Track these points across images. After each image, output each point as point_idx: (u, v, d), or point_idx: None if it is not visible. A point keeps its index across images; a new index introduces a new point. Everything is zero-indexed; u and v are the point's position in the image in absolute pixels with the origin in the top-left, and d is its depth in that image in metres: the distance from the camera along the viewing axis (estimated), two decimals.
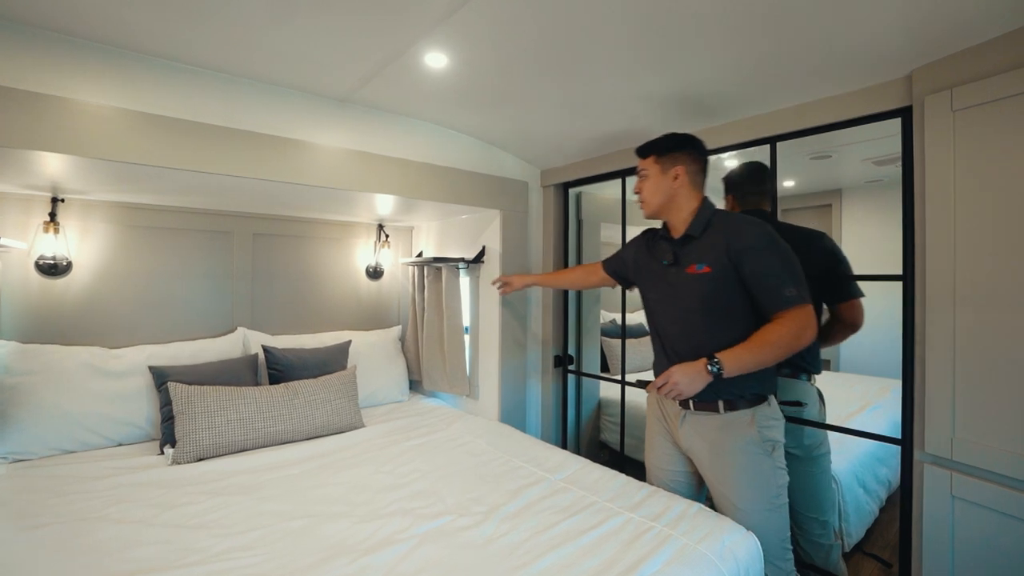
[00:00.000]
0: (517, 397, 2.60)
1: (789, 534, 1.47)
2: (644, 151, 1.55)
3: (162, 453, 1.88)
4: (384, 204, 2.43)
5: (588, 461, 1.85)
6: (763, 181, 1.82)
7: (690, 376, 1.32)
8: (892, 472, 2.43)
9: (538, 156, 2.60)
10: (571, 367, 2.75)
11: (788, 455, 1.52)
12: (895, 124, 1.56)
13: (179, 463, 1.79)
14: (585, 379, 2.84)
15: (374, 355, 2.74)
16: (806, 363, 1.75)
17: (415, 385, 3.02)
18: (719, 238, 1.40)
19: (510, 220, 2.54)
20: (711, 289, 1.39)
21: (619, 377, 2.48)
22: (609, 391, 2.94)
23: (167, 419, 1.92)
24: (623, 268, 1.80)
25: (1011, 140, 1.21)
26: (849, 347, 3.85)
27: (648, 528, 1.36)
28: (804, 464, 1.76)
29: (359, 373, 2.57)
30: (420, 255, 3.08)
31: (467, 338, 2.68)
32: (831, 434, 1.83)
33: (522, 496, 1.57)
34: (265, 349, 2.35)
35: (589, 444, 2.92)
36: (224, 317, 2.51)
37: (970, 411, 1.28)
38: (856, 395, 2.96)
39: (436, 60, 1.62)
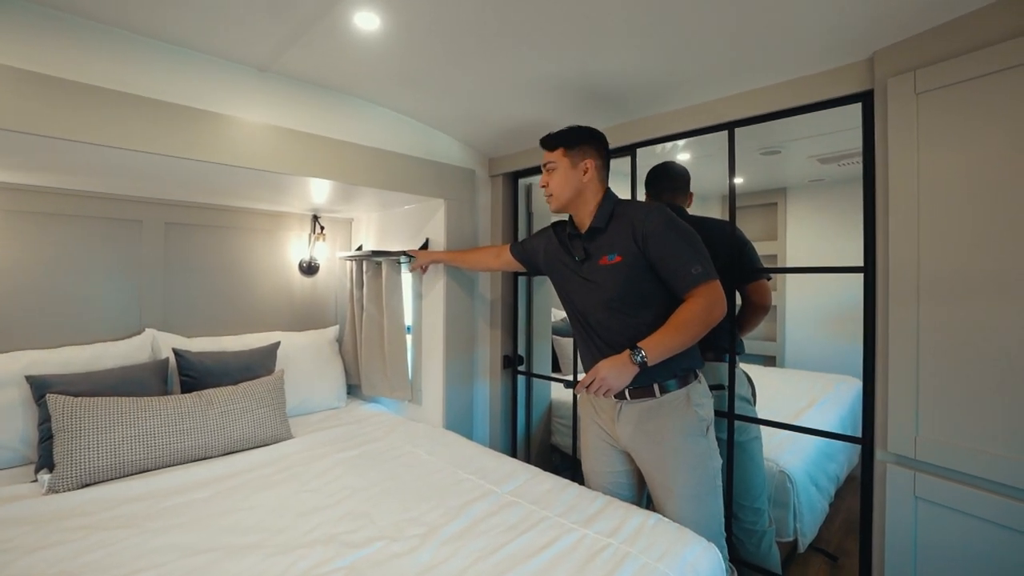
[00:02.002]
0: (463, 401, 2.43)
1: (723, 520, 1.47)
2: (551, 143, 1.52)
3: (35, 480, 1.59)
4: (318, 192, 2.20)
5: (538, 470, 1.71)
6: (675, 178, 1.93)
7: (617, 370, 1.31)
8: (839, 467, 2.44)
9: (485, 142, 2.44)
10: (521, 368, 2.61)
11: (719, 441, 1.52)
12: (845, 117, 1.50)
13: (57, 491, 1.50)
14: (536, 380, 2.71)
15: (307, 358, 2.50)
16: (728, 345, 1.76)
17: (354, 390, 2.79)
18: (624, 226, 1.42)
19: (455, 211, 2.36)
20: (625, 277, 1.40)
21: (571, 378, 2.36)
22: (560, 392, 2.84)
23: (46, 438, 1.62)
24: (533, 257, 1.79)
25: (976, 123, 1.15)
26: (792, 343, 3.94)
27: (604, 546, 1.23)
28: (735, 451, 1.77)
29: (290, 378, 2.32)
30: (360, 248, 2.86)
31: (409, 338, 2.49)
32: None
33: (465, 514, 1.41)
34: (176, 353, 2.07)
35: (540, 448, 2.79)
36: (130, 317, 2.20)
37: (935, 408, 1.22)
38: (803, 391, 2.98)
39: (367, 21, 1.42)
